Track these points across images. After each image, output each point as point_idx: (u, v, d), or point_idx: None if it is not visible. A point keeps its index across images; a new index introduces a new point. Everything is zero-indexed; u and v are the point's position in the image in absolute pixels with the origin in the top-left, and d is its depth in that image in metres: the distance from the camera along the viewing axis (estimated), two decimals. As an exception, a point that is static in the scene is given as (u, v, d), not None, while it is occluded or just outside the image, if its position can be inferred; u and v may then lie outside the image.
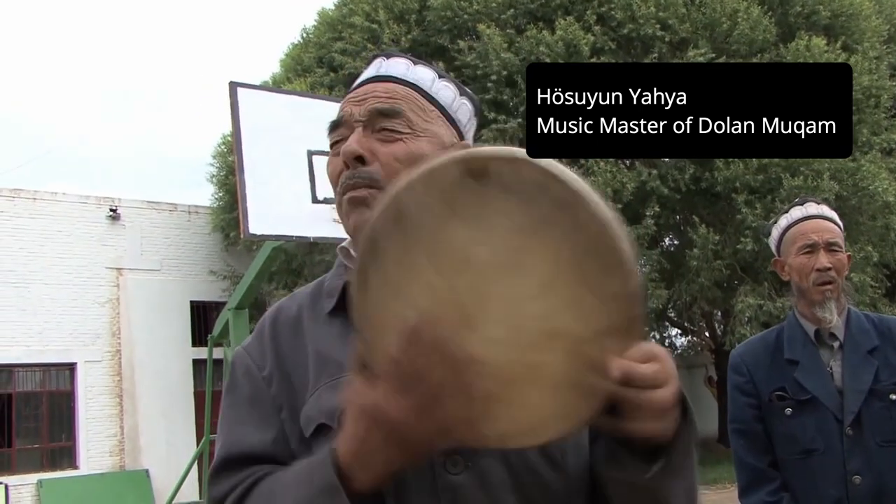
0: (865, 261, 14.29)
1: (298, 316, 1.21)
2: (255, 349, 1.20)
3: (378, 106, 1.18)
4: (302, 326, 1.19)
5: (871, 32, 16.78)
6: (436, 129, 1.21)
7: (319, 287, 1.25)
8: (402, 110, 1.19)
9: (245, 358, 1.20)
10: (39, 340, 17.14)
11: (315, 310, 1.20)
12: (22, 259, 17.16)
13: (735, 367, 2.53)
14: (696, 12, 15.29)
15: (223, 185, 18.35)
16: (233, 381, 1.20)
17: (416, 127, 1.19)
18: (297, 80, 16.70)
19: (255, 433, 1.12)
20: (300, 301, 1.23)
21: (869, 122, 16.01)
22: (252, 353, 1.20)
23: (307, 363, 1.14)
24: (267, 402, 1.14)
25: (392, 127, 1.17)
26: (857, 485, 2.28)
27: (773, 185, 14.34)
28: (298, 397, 1.12)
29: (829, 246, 2.41)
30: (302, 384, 1.13)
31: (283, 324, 1.21)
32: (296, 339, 1.18)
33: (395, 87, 1.21)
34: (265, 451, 1.10)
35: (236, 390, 1.19)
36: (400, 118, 1.18)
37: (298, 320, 1.20)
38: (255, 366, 1.18)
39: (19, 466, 16.76)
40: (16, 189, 17.65)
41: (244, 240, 9.26)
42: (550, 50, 14.74)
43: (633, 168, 15.30)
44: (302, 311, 1.21)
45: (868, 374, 2.33)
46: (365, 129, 1.17)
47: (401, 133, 1.17)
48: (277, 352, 1.17)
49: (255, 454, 1.10)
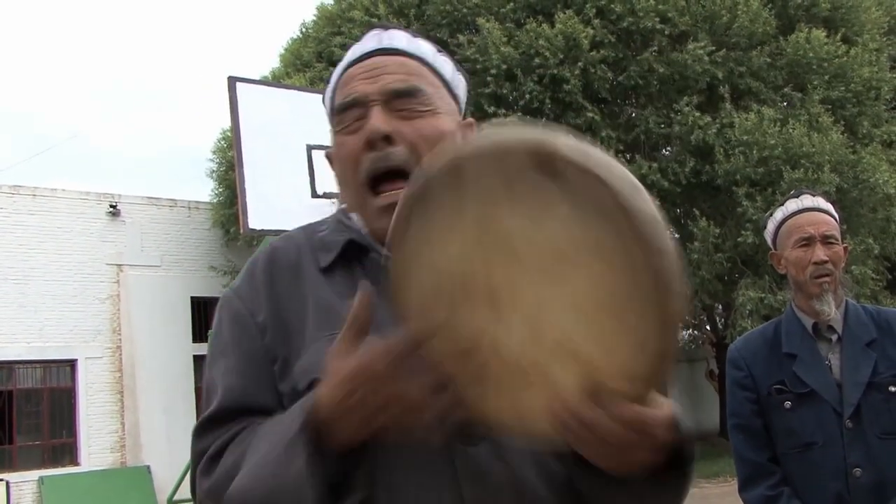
0: (866, 253, 14.29)
1: (298, 262, 1.14)
2: (247, 293, 1.13)
3: (396, 86, 1.14)
4: (302, 273, 1.13)
5: (871, 24, 16.76)
6: (447, 103, 1.19)
7: (312, 235, 1.19)
8: (421, 88, 1.15)
9: (235, 302, 1.13)
10: (40, 337, 17.14)
11: (314, 257, 1.15)
12: (22, 256, 17.15)
13: (733, 362, 2.53)
14: (695, 5, 15.26)
15: (223, 181, 18.33)
16: (221, 326, 1.14)
17: (435, 103, 1.16)
18: (296, 74, 16.68)
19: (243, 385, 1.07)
20: (298, 246, 1.17)
21: (869, 115, 16.00)
22: (244, 297, 1.13)
23: (306, 312, 1.08)
24: (258, 353, 1.08)
25: (412, 106, 1.14)
26: (857, 477, 2.27)
27: (773, 177, 14.32)
28: (294, 347, 1.07)
29: (826, 239, 2.41)
30: (299, 334, 1.07)
31: (282, 267, 1.14)
32: (295, 285, 1.12)
33: (406, 61, 1.18)
34: (253, 404, 1.05)
35: (224, 336, 1.12)
36: (419, 97, 1.14)
37: (298, 266, 1.14)
38: (246, 311, 1.11)
39: (20, 463, 16.77)
40: (15, 185, 17.64)
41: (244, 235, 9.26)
42: (550, 43, 14.72)
43: (634, 161, 15.28)
44: (301, 258, 1.15)
45: (867, 367, 2.33)
46: (384, 108, 1.13)
47: (422, 111, 1.14)
48: (274, 297, 1.11)
49: (242, 407, 1.05)
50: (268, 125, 6.68)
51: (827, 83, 15.59)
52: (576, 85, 14.83)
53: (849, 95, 15.75)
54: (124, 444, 17.70)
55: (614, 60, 15.35)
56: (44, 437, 17.29)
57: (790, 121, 14.74)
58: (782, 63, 15.72)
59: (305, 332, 1.07)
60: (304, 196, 6.64)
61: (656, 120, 15.56)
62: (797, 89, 15.73)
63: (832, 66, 15.51)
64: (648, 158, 15.53)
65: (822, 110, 15.04)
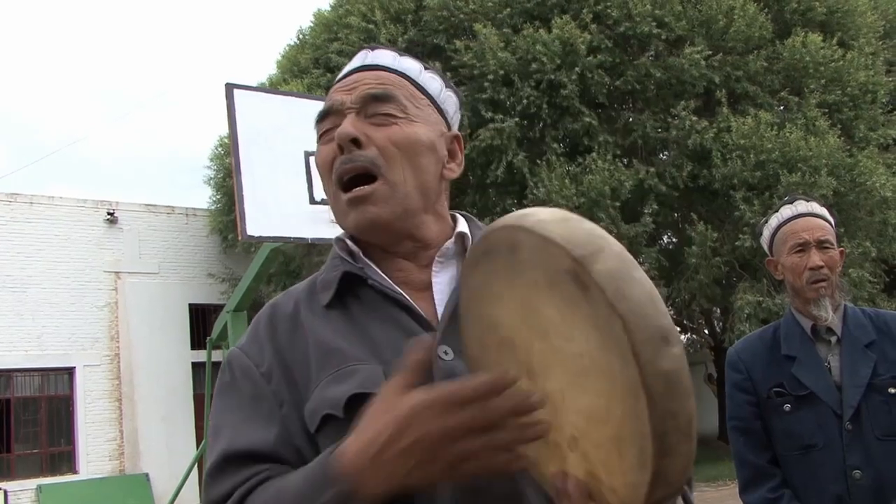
0: (864, 256, 14.29)
1: (296, 311, 1.16)
2: (252, 347, 1.15)
3: (370, 91, 1.16)
4: (300, 321, 1.14)
5: (866, 28, 16.80)
6: (427, 115, 1.20)
7: (313, 282, 1.21)
8: (395, 94, 1.17)
9: (241, 357, 1.14)
10: (38, 345, 17.12)
11: (312, 304, 1.16)
12: (19, 263, 17.14)
13: (732, 365, 2.53)
14: (692, 10, 15.29)
15: (221, 188, 18.34)
16: (228, 381, 1.14)
17: (410, 112, 1.17)
18: (293, 81, 16.69)
19: (256, 430, 1.05)
20: (296, 297, 1.19)
21: (866, 118, 16.02)
22: (248, 352, 1.14)
23: (308, 357, 1.09)
24: (267, 399, 1.08)
25: (386, 111, 1.15)
26: (857, 479, 2.28)
27: (770, 181, 14.34)
28: (301, 392, 1.07)
29: (821, 244, 2.42)
30: (304, 378, 1.08)
31: (281, 319, 1.16)
32: (295, 333, 1.13)
33: (386, 75, 1.20)
34: (267, 449, 1.04)
35: (233, 390, 1.12)
36: (393, 102, 1.16)
37: (296, 315, 1.15)
38: (252, 363, 1.12)
39: (18, 472, 16.74)
40: (13, 193, 17.63)
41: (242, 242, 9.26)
42: (547, 49, 14.74)
43: (631, 166, 15.30)
44: (299, 306, 1.16)
45: (866, 369, 2.33)
46: (357, 115, 1.15)
47: (395, 117, 1.16)
48: (276, 347, 1.12)
49: (256, 452, 1.03)
50: (265, 132, 6.67)
51: (823, 87, 15.62)
52: (573, 90, 14.85)
53: (845, 99, 15.78)
54: (123, 451, 17.67)
55: (611, 65, 15.37)
56: (42, 445, 17.26)
57: (787, 125, 14.76)
58: (779, 67, 15.75)
59: (310, 376, 1.08)
60: (303, 203, 6.62)
61: (653, 124, 15.58)
62: (794, 93, 15.76)
63: (828, 70, 15.53)
64: (646, 163, 15.54)
65: (819, 114, 15.06)
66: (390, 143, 1.14)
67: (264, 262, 7.39)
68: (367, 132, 1.14)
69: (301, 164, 6.67)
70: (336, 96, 1.19)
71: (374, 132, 1.14)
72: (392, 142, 1.14)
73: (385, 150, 1.13)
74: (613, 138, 15.58)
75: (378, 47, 1.25)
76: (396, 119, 1.15)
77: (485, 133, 14.57)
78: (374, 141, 1.14)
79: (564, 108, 15.19)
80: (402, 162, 1.14)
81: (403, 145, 1.14)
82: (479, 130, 14.60)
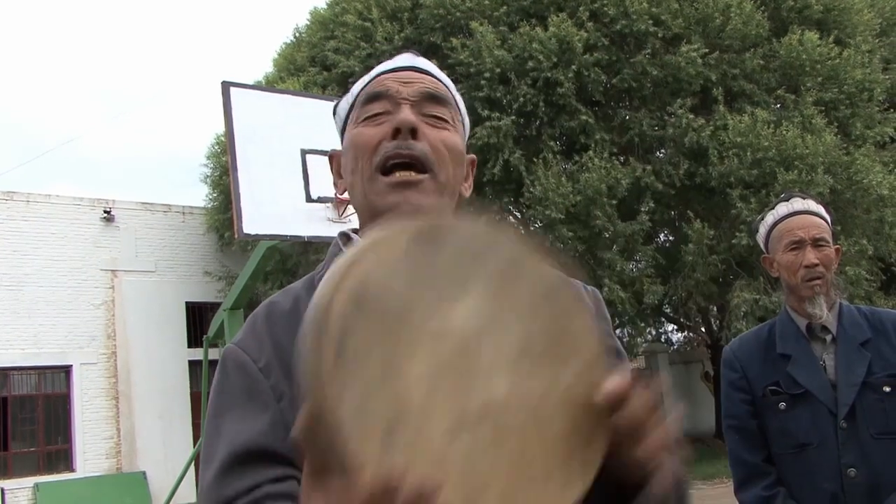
0: (860, 254, 14.31)
1: (295, 308, 1.15)
2: (249, 342, 1.14)
3: (429, 90, 1.19)
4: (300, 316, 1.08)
5: (863, 26, 16.81)
6: (461, 131, 1.23)
7: (312, 279, 1.21)
8: (451, 101, 1.20)
9: (237, 353, 1.13)
10: (34, 343, 17.11)
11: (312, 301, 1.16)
12: (16, 262, 17.12)
13: (728, 364, 2.53)
14: (688, 8, 15.29)
15: (217, 186, 18.32)
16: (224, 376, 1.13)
17: (455, 122, 1.20)
18: (290, 79, 16.68)
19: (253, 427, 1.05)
20: (295, 294, 1.18)
21: (862, 116, 16.04)
22: (245, 347, 1.13)
23: None
24: (265, 392, 1.08)
25: (440, 115, 1.18)
26: (851, 477, 2.28)
27: (767, 179, 14.35)
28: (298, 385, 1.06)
29: (816, 241, 2.42)
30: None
31: (279, 316, 1.15)
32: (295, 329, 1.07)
33: (439, 83, 1.22)
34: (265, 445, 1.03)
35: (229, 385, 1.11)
36: (447, 108, 1.19)
37: (296, 312, 1.14)
38: (249, 358, 1.11)
39: (15, 470, 16.73)
40: (9, 191, 17.61)
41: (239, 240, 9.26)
42: (543, 47, 14.74)
43: (628, 164, 15.31)
44: (299, 304, 1.15)
45: (861, 367, 2.33)
46: (412, 109, 1.16)
47: (447, 122, 1.18)
48: (275, 342, 1.11)
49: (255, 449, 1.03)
50: (262, 130, 6.67)
51: (820, 85, 15.63)
52: (569, 88, 14.85)
53: (842, 97, 15.79)
54: (119, 449, 17.66)
55: (608, 63, 15.37)
56: (39, 443, 17.25)
57: (784, 123, 14.77)
58: (775, 65, 15.76)
59: None
60: (299, 200, 6.63)
61: (650, 122, 15.58)
62: (790, 91, 15.77)
63: (825, 68, 15.54)
64: (642, 161, 15.55)
65: (816, 112, 15.07)
66: (443, 144, 1.16)
67: (261, 259, 7.39)
68: (424, 129, 1.16)
69: (297, 162, 6.67)
70: (390, 84, 1.19)
71: (428, 130, 1.16)
72: (444, 144, 1.16)
73: (437, 149, 1.15)
74: (610, 136, 15.58)
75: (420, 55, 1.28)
76: (447, 125, 1.18)
77: (481, 131, 14.57)
78: (427, 137, 1.15)
79: (561, 106, 15.19)
80: (448, 165, 1.16)
81: (452, 150, 1.16)
82: (476, 128, 14.59)
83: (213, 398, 1.13)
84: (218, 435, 1.07)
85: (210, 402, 1.14)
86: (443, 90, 1.21)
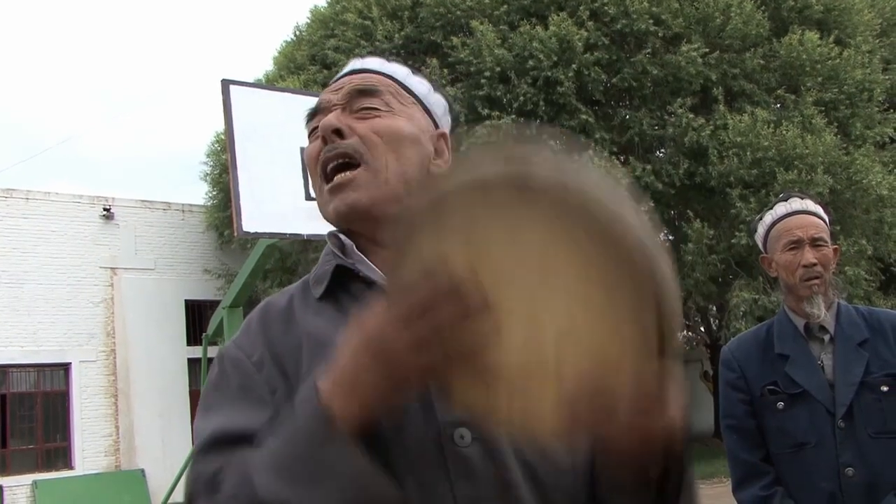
0: (860, 254, 14.32)
1: (289, 305, 1.18)
2: (244, 340, 1.15)
3: (357, 86, 1.21)
4: (293, 315, 1.16)
5: (863, 26, 16.82)
6: (412, 112, 1.24)
7: (307, 283, 1.23)
8: (379, 90, 1.21)
9: (232, 350, 1.15)
10: (33, 341, 17.11)
11: (306, 299, 1.18)
12: (15, 259, 17.12)
13: (726, 363, 2.53)
14: (689, 7, 15.30)
15: (217, 184, 18.32)
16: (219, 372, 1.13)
17: (393, 106, 1.21)
18: (290, 77, 16.67)
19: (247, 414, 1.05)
20: (290, 293, 1.21)
21: (862, 116, 16.04)
22: (240, 344, 1.15)
23: (300, 348, 1.10)
24: (258, 386, 1.08)
25: (370, 105, 1.19)
26: (849, 477, 2.28)
27: (767, 179, 14.35)
28: (292, 382, 1.07)
29: (815, 241, 2.41)
30: (295, 368, 1.08)
31: (273, 314, 1.17)
32: (287, 326, 1.14)
33: (371, 76, 1.24)
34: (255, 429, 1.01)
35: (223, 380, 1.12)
36: (377, 97, 1.20)
37: (289, 310, 1.17)
38: (243, 355, 1.12)
39: (14, 467, 16.73)
40: (8, 189, 17.60)
41: (238, 238, 9.26)
42: (544, 46, 14.74)
43: (628, 163, 15.31)
44: (293, 302, 1.18)
45: (859, 367, 2.33)
46: (343, 111, 1.19)
47: (378, 111, 1.19)
48: (268, 339, 1.13)
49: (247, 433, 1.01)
50: (261, 128, 6.66)
51: (820, 85, 15.64)
52: (569, 87, 14.85)
53: (842, 97, 15.80)
54: (118, 447, 17.67)
55: (608, 62, 15.38)
56: (37, 440, 17.26)
57: (783, 122, 14.78)
58: (776, 65, 15.76)
59: (301, 366, 1.08)
60: (299, 199, 6.61)
61: (650, 122, 15.59)
62: (790, 91, 15.78)
63: (825, 68, 15.55)
64: (642, 160, 15.55)
65: (816, 112, 15.08)
66: (372, 131, 1.17)
67: (260, 258, 7.38)
68: (350, 124, 1.18)
69: (297, 160, 6.66)
70: (324, 96, 1.24)
71: (357, 124, 1.18)
72: (374, 130, 1.17)
73: (366, 138, 1.16)
74: (610, 135, 15.59)
75: (368, 56, 1.31)
76: (380, 112, 1.19)
77: (481, 130, 14.57)
78: (356, 131, 1.17)
79: (561, 105, 15.19)
80: (383, 150, 1.17)
81: (385, 134, 1.17)
82: (476, 127, 14.59)
83: (206, 393, 1.13)
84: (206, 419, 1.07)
85: (202, 396, 1.14)
86: (371, 81, 1.22)
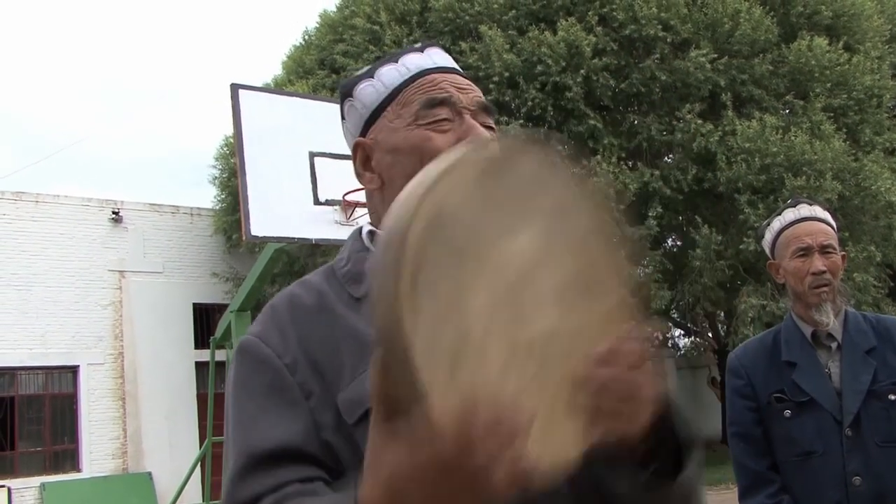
0: (868, 261, 14.28)
1: (320, 304, 1.13)
2: (270, 335, 1.10)
3: (483, 101, 1.24)
4: (327, 311, 1.11)
5: (872, 32, 16.78)
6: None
7: (331, 275, 1.19)
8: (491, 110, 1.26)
9: (258, 346, 1.09)
10: (42, 343, 17.15)
11: (342, 295, 1.13)
12: (24, 262, 17.17)
13: (733, 371, 2.52)
14: (697, 13, 15.29)
15: (226, 187, 18.36)
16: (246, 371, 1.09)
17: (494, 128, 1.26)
18: (298, 81, 16.71)
19: (280, 425, 1.02)
20: (317, 288, 1.16)
21: (871, 122, 16.01)
22: (267, 340, 1.09)
23: (340, 348, 1.06)
24: (291, 389, 1.05)
25: (491, 125, 1.24)
26: (856, 486, 2.27)
27: (775, 185, 14.32)
28: (332, 384, 1.04)
29: (824, 248, 2.40)
30: (335, 369, 1.04)
31: (303, 309, 1.12)
32: (321, 324, 1.10)
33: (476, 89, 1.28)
34: (294, 445, 1.00)
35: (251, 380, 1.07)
36: (491, 116, 1.25)
37: (323, 307, 1.12)
38: (272, 353, 1.08)
39: (22, 469, 16.76)
40: (18, 192, 17.67)
41: (246, 242, 9.28)
42: (552, 51, 14.75)
43: (636, 168, 15.29)
44: (325, 298, 1.13)
45: (866, 375, 2.32)
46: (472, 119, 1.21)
47: (494, 131, 1.24)
48: (300, 336, 1.09)
49: (282, 449, 1.00)
50: (270, 132, 6.69)
51: (829, 91, 15.60)
52: (578, 92, 14.85)
53: (851, 103, 15.76)
54: (126, 450, 17.69)
55: (616, 68, 15.37)
56: (45, 443, 17.30)
57: (792, 128, 14.75)
58: (784, 71, 15.73)
59: (342, 367, 1.05)
60: (307, 203, 6.64)
61: (658, 127, 15.57)
62: (799, 97, 15.74)
63: (834, 74, 15.52)
64: (650, 166, 15.54)
65: (825, 118, 15.04)
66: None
67: (268, 262, 7.41)
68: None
69: (305, 164, 6.68)
70: (450, 89, 1.22)
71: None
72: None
73: None
74: (618, 141, 15.58)
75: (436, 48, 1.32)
76: (494, 132, 1.25)
77: (490, 135, 14.58)
78: None
79: (569, 110, 15.19)
80: None
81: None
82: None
83: (234, 392, 1.10)
84: (244, 431, 1.05)
85: (232, 395, 1.10)
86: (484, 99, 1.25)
